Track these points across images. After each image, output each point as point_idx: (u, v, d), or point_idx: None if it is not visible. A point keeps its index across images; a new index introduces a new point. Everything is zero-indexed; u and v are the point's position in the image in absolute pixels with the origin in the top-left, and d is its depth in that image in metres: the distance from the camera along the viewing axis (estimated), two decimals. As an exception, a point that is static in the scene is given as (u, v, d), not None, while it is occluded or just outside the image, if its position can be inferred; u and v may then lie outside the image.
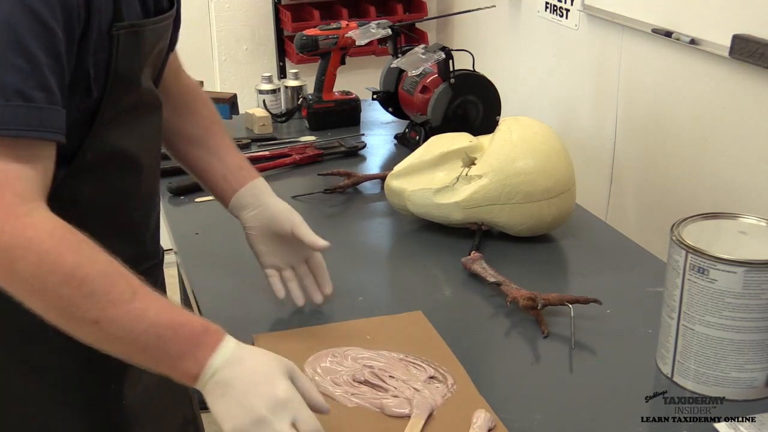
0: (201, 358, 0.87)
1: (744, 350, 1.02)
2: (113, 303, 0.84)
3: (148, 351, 0.86)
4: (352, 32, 2.02)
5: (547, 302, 1.21)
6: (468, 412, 1.00)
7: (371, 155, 1.96)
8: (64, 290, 0.83)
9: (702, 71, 1.85)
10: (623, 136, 2.21)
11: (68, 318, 0.85)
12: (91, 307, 0.83)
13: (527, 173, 1.42)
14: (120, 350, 0.87)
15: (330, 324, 1.21)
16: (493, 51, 2.82)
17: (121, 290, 0.85)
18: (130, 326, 0.84)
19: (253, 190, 1.22)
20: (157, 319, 0.86)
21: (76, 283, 0.83)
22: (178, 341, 0.86)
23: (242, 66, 3.14)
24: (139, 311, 0.85)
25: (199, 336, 0.87)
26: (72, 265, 0.83)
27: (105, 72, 0.94)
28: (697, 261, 1.01)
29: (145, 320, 0.85)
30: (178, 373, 0.88)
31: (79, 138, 0.96)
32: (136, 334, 0.85)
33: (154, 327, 0.85)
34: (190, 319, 0.88)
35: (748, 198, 1.75)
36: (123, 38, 0.94)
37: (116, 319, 0.84)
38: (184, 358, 0.86)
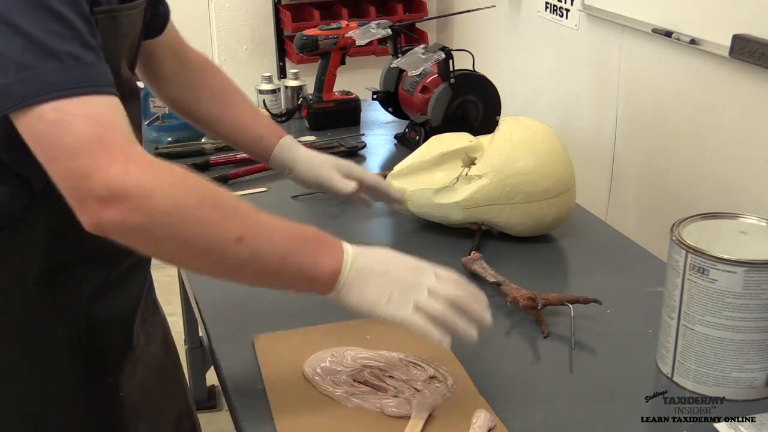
0: (335, 255, 0.92)
1: (744, 350, 1.02)
2: (249, 217, 0.87)
3: (286, 260, 0.89)
4: (352, 32, 2.02)
5: (547, 302, 1.21)
6: (468, 412, 1.00)
7: (371, 155, 1.96)
8: (202, 212, 0.84)
9: (702, 71, 1.85)
10: (623, 136, 2.21)
11: (212, 243, 0.85)
12: (232, 224, 0.86)
13: (527, 173, 1.42)
14: (259, 269, 0.89)
15: (330, 324, 1.21)
16: (493, 51, 2.82)
17: (247, 207, 0.88)
18: (268, 237, 0.88)
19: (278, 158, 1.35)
20: (284, 226, 0.90)
21: (213, 203, 0.85)
22: (309, 244, 0.91)
23: (242, 66, 3.14)
24: (270, 224, 0.89)
25: (322, 237, 0.93)
26: (203, 190, 0.86)
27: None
28: (697, 261, 1.01)
29: (277, 230, 0.89)
30: (315, 277, 0.91)
31: None
32: (275, 243, 0.88)
33: (286, 233, 0.89)
34: (305, 226, 0.93)
35: (748, 198, 1.75)
36: (101, 23, 0.95)
37: (258, 232, 0.87)
38: (319, 258, 0.91)
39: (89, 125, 0.82)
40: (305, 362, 1.10)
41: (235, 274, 0.91)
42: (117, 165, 0.81)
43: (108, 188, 0.81)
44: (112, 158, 0.81)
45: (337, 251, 0.93)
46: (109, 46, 0.98)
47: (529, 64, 2.67)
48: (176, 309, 2.42)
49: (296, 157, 1.37)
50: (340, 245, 0.94)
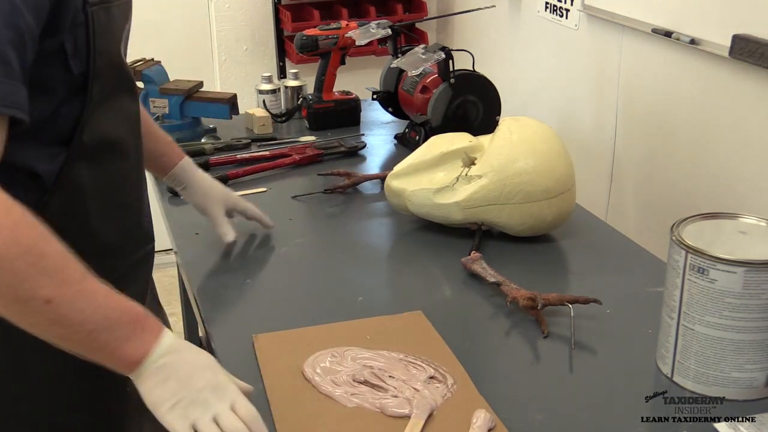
0: (147, 341, 0.89)
1: (744, 350, 1.02)
2: (67, 282, 0.84)
3: (94, 334, 0.86)
4: (352, 32, 2.02)
5: (547, 302, 1.21)
6: (468, 412, 1.00)
7: (371, 155, 1.96)
8: (20, 264, 0.81)
9: (702, 71, 1.85)
10: (623, 136, 2.21)
11: (19, 297, 0.83)
12: (46, 283, 0.83)
13: (527, 173, 1.42)
14: (64, 334, 0.86)
15: (330, 324, 1.21)
16: (493, 51, 2.82)
17: (74, 270, 0.86)
18: (81, 306, 0.85)
19: (173, 177, 1.39)
20: (105, 301, 0.87)
21: (34, 259, 0.82)
22: (124, 324, 0.87)
23: (242, 66, 3.15)
24: (90, 293, 0.86)
25: (143, 321, 0.89)
26: (30, 240, 0.83)
27: (85, 48, 0.97)
28: (697, 261, 1.01)
29: (96, 301, 0.86)
30: (118, 357, 0.88)
31: (75, 118, 0.99)
32: (87, 314, 0.85)
33: (103, 308, 0.86)
34: (133, 305, 0.90)
35: (748, 198, 1.75)
36: (95, 14, 0.97)
37: (69, 299, 0.84)
38: (130, 340, 0.88)
39: None
40: (305, 362, 1.10)
41: (41, 332, 0.87)
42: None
43: None
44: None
45: (149, 341, 0.89)
46: (107, 39, 1.01)
47: (529, 64, 2.67)
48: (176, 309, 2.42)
49: (191, 181, 1.41)
50: (157, 335, 0.90)
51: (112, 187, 1.08)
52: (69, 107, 0.99)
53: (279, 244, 1.49)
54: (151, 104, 2.01)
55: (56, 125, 0.98)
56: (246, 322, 1.23)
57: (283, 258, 1.45)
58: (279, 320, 1.24)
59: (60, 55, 0.95)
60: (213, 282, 1.38)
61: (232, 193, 1.47)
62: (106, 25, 1.00)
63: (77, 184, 1.01)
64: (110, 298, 0.88)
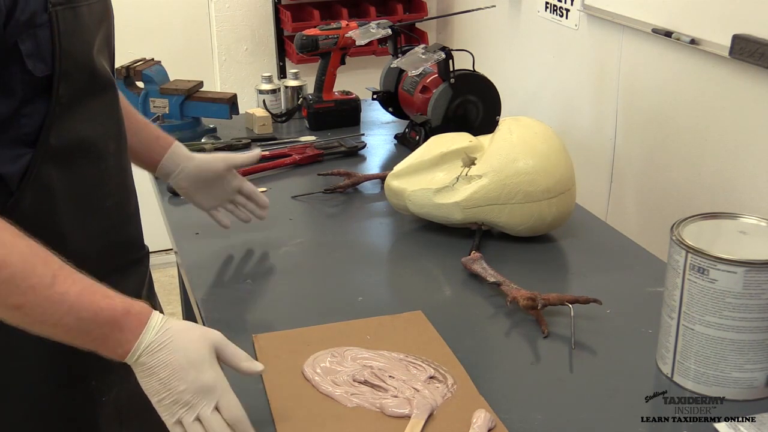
0: (124, 341, 0.88)
1: (744, 350, 1.02)
2: (33, 288, 0.85)
3: (71, 333, 0.88)
4: (352, 32, 2.02)
5: (547, 302, 1.21)
6: (468, 412, 1.00)
7: (371, 155, 1.96)
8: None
9: (702, 71, 1.85)
10: (623, 136, 2.21)
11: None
12: (11, 291, 0.84)
13: (527, 173, 1.42)
14: (47, 332, 0.88)
15: (330, 324, 1.21)
16: (493, 51, 2.82)
17: (40, 274, 0.86)
18: (52, 310, 0.85)
19: (171, 156, 1.35)
20: (77, 301, 0.87)
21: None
22: (99, 324, 0.87)
23: (242, 66, 3.15)
24: (59, 296, 0.86)
25: (120, 319, 0.88)
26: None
27: (50, 49, 0.95)
28: (697, 261, 1.01)
29: (65, 303, 0.86)
30: (105, 352, 0.89)
31: (40, 120, 0.97)
32: (58, 317, 0.86)
33: (74, 310, 0.86)
34: (111, 302, 0.89)
35: (748, 198, 1.75)
36: (61, 14, 0.95)
37: (38, 304, 0.85)
38: (108, 340, 0.88)
39: None
40: (305, 362, 1.10)
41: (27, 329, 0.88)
42: None
43: None
44: None
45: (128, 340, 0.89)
46: (75, 40, 0.98)
47: (529, 64, 2.67)
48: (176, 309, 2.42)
49: (192, 156, 1.39)
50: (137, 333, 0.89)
51: (86, 191, 1.05)
52: (32, 108, 0.96)
53: (279, 244, 1.49)
54: (151, 104, 2.01)
55: (18, 126, 0.95)
56: (246, 322, 1.23)
57: (283, 258, 1.45)
58: (279, 320, 1.24)
59: (15, 55, 0.92)
60: (213, 282, 1.37)
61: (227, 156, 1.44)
62: (73, 26, 0.97)
63: (46, 187, 0.99)
64: (84, 296, 0.87)
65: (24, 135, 0.96)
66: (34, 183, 0.97)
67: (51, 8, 0.94)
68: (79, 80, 1.00)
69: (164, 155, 1.34)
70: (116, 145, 1.11)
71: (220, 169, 1.40)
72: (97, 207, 1.08)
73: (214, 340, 0.93)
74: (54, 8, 0.94)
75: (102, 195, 1.09)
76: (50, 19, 0.94)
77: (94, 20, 1.04)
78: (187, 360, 0.90)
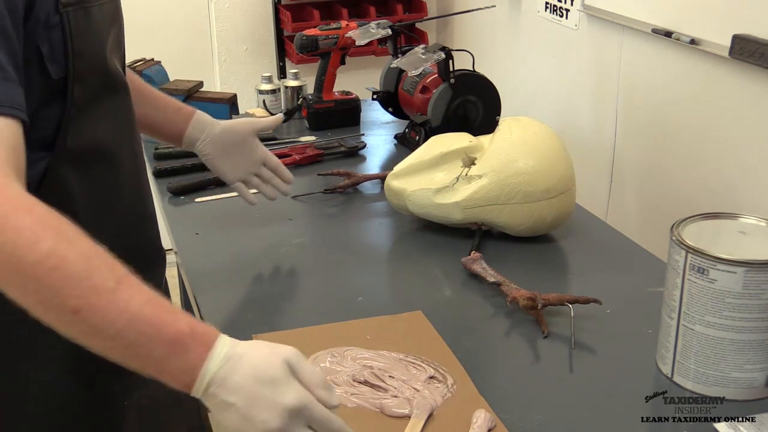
0: (189, 367, 0.79)
1: (744, 350, 1.02)
2: (94, 289, 0.77)
3: (131, 349, 0.79)
4: (352, 32, 2.02)
5: (547, 302, 1.21)
6: (468, 412, 1.00)
7: (371, 155, 1.96)
8: (40, 270, 0.76)
9: (702, 71, 1.85)
10: (623, 136, 2.21)
11: (47, 306, 0.78)
12: (70, 292, 0.77)
13: (527, 173, 1.42)
14: (104, 346, 0.79)
15: (330, 324, 1.21)
16: (493, 51, 2.82)
17: (103, 276, 0.78)
18: (113, 317, 0.77)
19: (196, 123, 1.37)
20: (140, 312, 0.78)
21: (54, 264, 0.76)
22: (161, 343, 0.79)
23: (242, 66, 3.15)
24: (123, 302, 0.78)
25: (185, 339, 0.79)
26: (51, 244, 0.77)
27: (63, 50, 0.95)
28: (697, 261, 1.01)
29: (127, 312, 0.78)
30: (165, 378, 0.80)
31: (56, 122, 0.97)
32: (119, 327, 0.77)
33: (137, 321, 0.78)
34: (175, 319, 0.80)
35: (748, 198, 1.75)
36: (72, 15, 0.94)
37: (98, 309, 0.77)
38: (170, 364, 0.79)
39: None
40: (305, 362, 1.10)
41: (84, 344, 0.80)
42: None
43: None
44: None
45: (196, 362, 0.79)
46: (88, 41, 0.98)
47: (529, 64, 2.67)
48: (176, 309, 2.41)
49: (217, 121, 1.40)
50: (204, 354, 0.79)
51: (102, 193, 1.05)
52: (49, 111, 0.96)
53: (279, 244, 1.49)
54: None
55: (36, 129, 0.94)
56: (246, 322, 1.23)
57: (283, 258, 1.45)
58: (279, 320, 1.24)
59: (36, 57, 0.92)
60: (213, 282, 1.37)
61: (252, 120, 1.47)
62: (85, 26, 0.97)
63: (64, 190, 0.98)
64: (147, 308, 0.79)
65: (41, 138, 0.95)
66: (52, 186, 0.97)
67: (62, 9, 0.93)
68: (93, 81, 1.00)
69: (189, 123, 1.36)
70: (130, 145, 1.11)
71: (246, 131, 1.41)
72: (114, 209, 1.08)
73: (286, 356, 0.83)
74: (65, 9, 0.94)
75: (118, 196, 1.09)
76: (62, 20, 0.93)
77: (106, 21, 1.03)
78: (262, 383, 0.80)
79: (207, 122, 1.38)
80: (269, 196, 1.47)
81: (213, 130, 1.38)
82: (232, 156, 1.40)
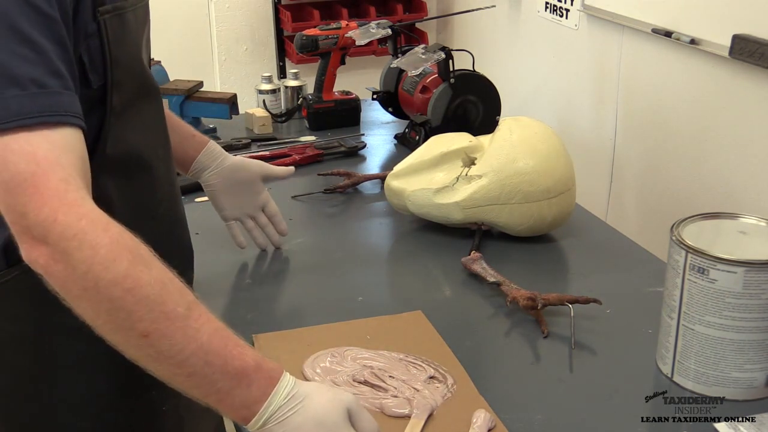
0: (252, 401, 0.81)
1: (744, 350, 1.02)
2: (166, 315, 0.78)
3: (195, 378, 0.80)
4: (352, 32, 2.02)
5: (547, 302, 1.21)
6: (468, 412, 1.00)
7: (371, 155, 1.96)
8: (115, 291, 0.77)
9: (702, 71, 1.85)
10: (623, 136, 2.21)
11: (117, 326, 0.78)
12: (143, 315, 0.77)
13: (527, 173, 1.42)
14: (167, 372, 0.80)
15: (330, 324, 1.21)
16: (493, 51, 2.82)
17: (175, 302, 0.79)
18: (181, 345, 0.78)
19: (208, 153, 1.34)
20: (209, 342, 0.79)
21: (130, 285, 0.77)
22: (227, 375, 0.80)
23: (242, 66, 3.15)
24: (192, 330, 0.79)
25: (251, 374, 0.81)
26: (127, 266, 0.78)
27: (101, 59, 0.94)
28: (697, 261, 1.01)
29: (196, 341, 0.79)
30: (226, 410, 0.82)
31: (96, 131, 0.96)
32: (186, 354, 0.78)
33: (204, 351, 0.79)
34: (242, 352, 0.82)
35: (748, 198, 1.75)
36: (109, 23, 0.93)
37: (168, 335, 0.78)
38: (233, 396, 0.81)
39: (26, 163, 0.78)
40: (305, 362, 1.10)
41: (147, 367, 0.81)
42: (47, 209, 0.77)
43: (38, 230, 0.78)
44: (44, 201, 0.77)
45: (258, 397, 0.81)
46: (125, 47, 0.97)
47: (529, 64, 2.67)
48: (176, 309, 2.42)
49: (229, 155, 1.37)
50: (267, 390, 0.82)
51: (142, 199, 1.04)
52: (89, 120, 0.93)
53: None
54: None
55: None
56: (246, 322, 1.23)
57: (283, 258, 1.45)
58: (279, 320, 1.24)
59: (79, 67, 0.90)
60: (213, 282, 1.37)
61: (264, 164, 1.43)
62: (120, 32, 0.96)
63: (105, 199, 0.96)
64: (215, 339, 0.80)
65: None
66: (93, 194, 0.95)
67: (99, 16, 0.92)
68: (130, 88, 0.99)
69: (201, 151, 1.33)
70: (164, 150, 1.11)
71: (254, 173, 1.39)
72: (152, 214, 1.07)
73: (348, 403, 0.86)
74: (102, 16, 0.92)
75: (155, 202, 1.08)
76: (99, 28, 0.92)
77: (140, 24, 1.03)
78: (323, 427, 0.82)
79: (219, 153, 1.35)
80: (259, 243, 1.43)
81: (223, 163, 1.35)
82: (235, 193, 1.37)
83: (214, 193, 1.37)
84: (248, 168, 1.38)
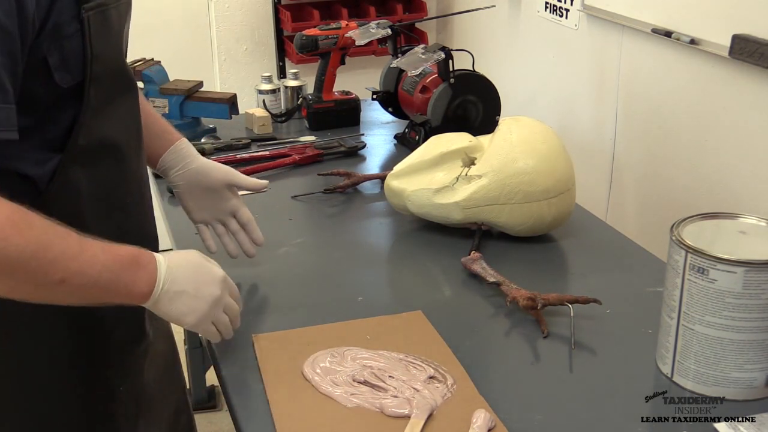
0: (147, 276, 0.98)
1: (744, 350, 1.02)
2: (73, 258, 0.91)
3: (107, 287, 0.94)
4: (352, 32, 2.02)
5: (547, 302, 1.21)
6: (468, 412, 1.00)
7: (371, 155, 1.96)
8: (32, 263, 0.87)
9: (702, 71, 1.85)
10: (623, 136, 2.21)
11: (37, 286, 0.90)
12: (57, 268, 0.89)
13: (527, 173, 1.42)
14: (84, 297, 0.95)
15: (330, 324, 1.21)
16: (493, 51, 2.82)
17: (73, 244, 0.91)
18: (89, 272, 0.92)
19: (175, 152, 1.30)
20: (105, 258, 0.94)
21: (42, 253, 0.88)
22: (125, 270, 0.96)
23: (242, 66, 3.15)
24: (91, 256, 0.92)
25: (138, 258, 0.98)
26: (35, 238, 0.88)
27: (81, 56, 0.95)
28: (697, 261, 1.01)
29: (98, 264, 0.93)
30: (131, 298, 0.98)
31: (68, 124, 0.97)
32: (94, 277, 0.92)
33: (105, 266, 0.93)
34: (123, 248, 0.97)
35: (748, 198, 1.75)
36: (92, 19, 0.95)
37: (78, 271, 0.91)
38: (135, 282, 0.97)
39: None
40: (305, 362, 1.10)
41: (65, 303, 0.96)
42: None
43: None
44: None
45: (149, 275, 0.98)
46: (106, 43, 0.98)
47: (529, 64, 2.67)
48: (176, 309, 2.42)
49: (197, 157, 1.32)
50: (153, 267, 0.99)
51: (110, 190, 1.06)
52: (59, 115, 0.97)
53: (279, 244, 1.49)
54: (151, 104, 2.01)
55: (44, 132, 0.96)
56: (246, 322, 1.23)
57: (283, 258, 1.45)
58: (279, 320, 1.24)
59: (41, 68, 0.92)
60: (213, 282, 1.37)
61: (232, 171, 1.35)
62: (102, 29, 0.97)
63: (73, 187, 1.00)
64: (107, 253, 0.94)
65: (50, 140, 0.97)
66: (62, 183, 0.98)
67: (84, 13, 0.93)
68: (109, 83, 1.01)
69: (167, 149, 1.29)
70: (136, 142, 1.12)
71: (219, 179, 1.32)
72: (120, 204, 1.10)
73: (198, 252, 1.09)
74: (87, 13, 0.93)
75: (124, 192, 1.10)
76: (82, 25, 0.93)
77: (121, 20, 1.04)
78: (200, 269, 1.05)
79: (186, 155, 1.30)
80: (230, 250, 1.36)
81: (189, 165, 1.30)
82: (200, 197, 1.32)
83: (180, 194, 1.33)
84: (212, 174, 1.32)
